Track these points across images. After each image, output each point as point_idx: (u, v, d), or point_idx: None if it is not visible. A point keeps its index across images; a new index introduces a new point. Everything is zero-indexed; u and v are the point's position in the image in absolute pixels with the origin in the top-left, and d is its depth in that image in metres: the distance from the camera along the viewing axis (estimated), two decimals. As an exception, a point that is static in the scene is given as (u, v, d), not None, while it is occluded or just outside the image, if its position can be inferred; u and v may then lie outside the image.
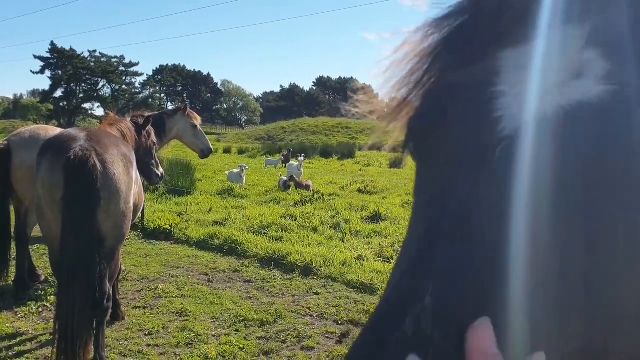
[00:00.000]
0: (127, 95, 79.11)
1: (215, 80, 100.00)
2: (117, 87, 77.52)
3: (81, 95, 76.09)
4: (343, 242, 9.31)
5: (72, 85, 74.14)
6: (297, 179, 16.33)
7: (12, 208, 6.39)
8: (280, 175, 17.05)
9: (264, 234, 9.59)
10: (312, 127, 52.49)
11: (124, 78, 79.21)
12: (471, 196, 0.65)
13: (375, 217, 11.32)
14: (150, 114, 6.91)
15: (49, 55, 71.77)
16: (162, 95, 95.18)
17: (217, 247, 8.84)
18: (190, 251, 8.76)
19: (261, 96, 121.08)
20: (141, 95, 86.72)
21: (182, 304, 6.26)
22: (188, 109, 8.23)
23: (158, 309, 6.12)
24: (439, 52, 0.85)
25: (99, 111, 79.19)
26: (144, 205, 6.15)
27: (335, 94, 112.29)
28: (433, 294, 0.58)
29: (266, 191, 15.73)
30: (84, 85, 75.72)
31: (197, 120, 8.34)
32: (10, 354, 4.89)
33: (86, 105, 78.89)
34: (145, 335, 5.40)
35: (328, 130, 50.79)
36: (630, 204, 0.61)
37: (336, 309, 6.18)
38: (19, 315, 5.75)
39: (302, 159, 20.09)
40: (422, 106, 0.84)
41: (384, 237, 9.60)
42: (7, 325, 5.47)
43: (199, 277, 7.41)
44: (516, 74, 0.71)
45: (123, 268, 6.85)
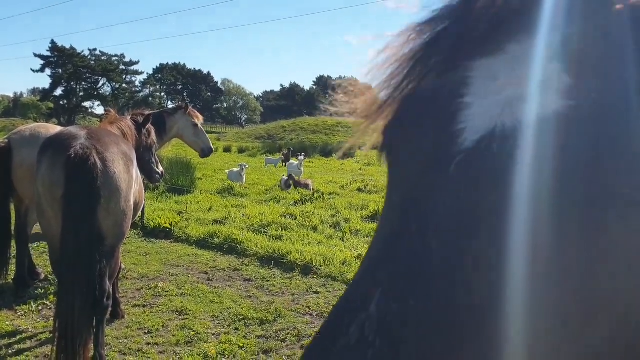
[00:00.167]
0: (127, 94, 79.06)
1: (216, 79, 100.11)
2: (117, 86, 77.50)
3: (81, 94, 76.07)
4: (343, 241, 9.31)
5: (72, 83, 74.12)
6: (296, 177, 16.33)
7: (12, 206, 6.40)
8: (283, 175, 17.06)
9: (264, 232, 9.60)
10: (312, 126, 52.41)
11: (124, 77, 79.21)
12: (428, 206, 0.65)
13: (376, 216, 11.30)
14: (151, 112, 6.90)
15: (49, 54, 71.77)
16: (162, 94, 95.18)
17: (217, 246, 8.85)
18: (190, 250, 8.76)
19: (261, 95, 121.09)
20: (141, 94, 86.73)
21: (181, 302, 6.26)
22: (189, 107, 8.22)
23: (158, 307, 6.13)
24: (419, 57, 0.85)
25: (99, 110, 79.12)
26: (144, 203, 6.15)
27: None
28: (379, 302, 0.58)
29: (266, 190, 15.73)
30: (84, 83, 75.70)
31: (199, 120, 8.31)
32: (10, 351, 4.89)
33: (86, 104, 79.03)
34: (145, 333, 5.41)
35: (328, 129, 50.70)
36: (589, 220, 0.59)
37: (336, 308, 6.18)
38: (19, 314, 5.76)
39: (302, 158, 20.12)
40: (397, 112, 0.85)
41: (384, 237, 9.57)
42: (7, 323, 5.47)
43: (199, 275, 7.41)
44: (484, 85, 0.72)
45: (123, 266, 6.85)
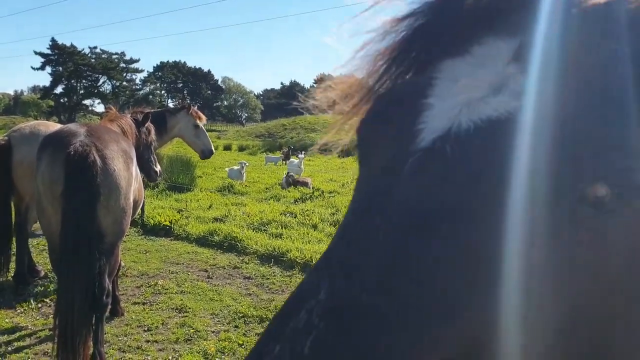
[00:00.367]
0: (127, 92, 79.01)
1: (216, 77, 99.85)
2: (117, 84, 77.41)
3: (82, 92, 76.00)
4: (343, 239, 9.29)
5: (72, 81, 74.02)
6: (296, 176, 16.32)
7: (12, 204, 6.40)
8: (285, 174, 17.04)
9: (264, 230, 9.59)
10: (312, 125, 52.39)
11: (124, 75, 79.10)
12: (382, 202, 0.66)
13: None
14: (152, 110, 6.91)
15: (49, 52, 71.67)
16: (163, 92, 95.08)
17: (217, 244, 8.85)
18: (190, 247, 8.76)
19: (262, 93, 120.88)
20: (142, 92, 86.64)
21: (181, 300, 6.26)
22: (192, 108, 8.19)
23: (157, 305, 6.13)
24: (395, 57, 0.87)
25: (100, 107, 79.08)
26: (143, 201, 6.15)
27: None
28: (328, 289, 0.60)
29: (266, 188, 15.73)
30: (84, 81, 75.62)
31: (201, 120, 8.29)
32: (10, 349, 4.90)
33: (87, 102, 78.97)
34: (145, 331, 5.41)
35: (328, 127, 50.67)
36: (532, 219, 0.61)
37: (335, 306, 6.18)
38: (18, 311, 5.76)
39: (303, 156, 20.11)
40: (369, 111, 0.87)
41: (384, 235, 9.58)
42: (6, 320, 5.47)
43: (199, 273, 7.41)
44: (446, 87, 0.73)
45: (123, 264, 6.85)
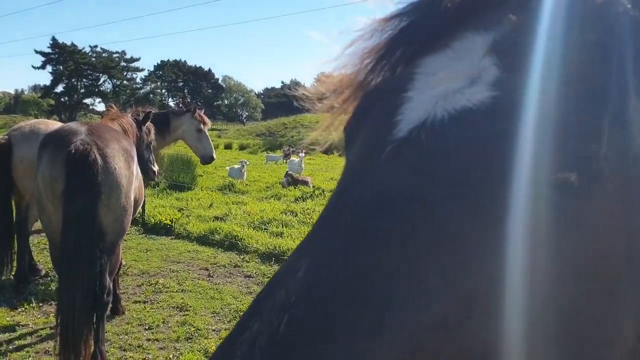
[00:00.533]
0: (128, 91, 78.91)
1: (217, 76, 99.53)
2: (118, 83, 77.31)
3: (82, 91, 75.92)
4: (343, 238, 9.29)
5: (73, 80, 73.94)
6: (296, 175, 16.32)
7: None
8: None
9: (265, 229, 9.59)
10: (313, 123, 52.35)
11: (125, 73, 79.00)
12: (357, 189, 0.69)
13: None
14: (157, 111, 6.97)
15: (50, 51, 71.55)
16: (163, 91, 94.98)
17: (217, 243, 8.85)
18: (190, 246, 8.76)
19: (262, 92, 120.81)
20: (142, 91, 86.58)
21: (182, 298, 6.27)
22: (198, 111, 8.17)
23: (158, 303, 6.13)
24: (382, 54, 0.90)
25: (100, 106, 78.95)
26: (144, 200, 6.15)
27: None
28: (305, 270, 0.62)
29: (267, 187, 15.73)
30: (85, 80, 75.51)
31: (206, 125, 8.27)
32: (11, 347, 4.90)
33: (87, 101, 78.78)
34: (146, 329, 5.41)
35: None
36: (498, 203, 0.63)
37: (336, 304, 6.18)
38: (19, 310, 5.76)
39: (303, 155, 20.08)
40: (356, 107, 0.90)
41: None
42: (7, 319, 5.48)
43: (200, 272, 7.42)
44: (425, 80, 0.77)
45: (123, 263, 6.85)
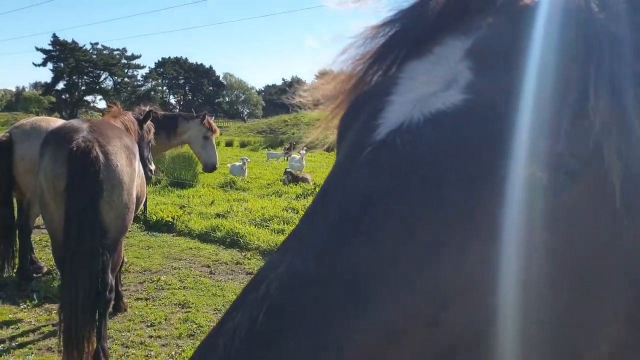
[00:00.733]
0: (129, 88, 78.85)
1: (217, 73, 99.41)
2: (119, 80, 77.25)
3: (83, 88, 75.87)
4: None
5: (74, 77, 73.90)
6: (297, 172, 16.31)
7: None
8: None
9: (266, 226, 9.60)
10: (313, 121, 52.32)
11: (126, 71, 78.94)
12: (338, 188, 0.71)
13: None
14: (165, 112, 7.12)
15: (51, 48, 71.51)
16: (164, 88, 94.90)
17: (219, 240, 8.86)
18: (192, 243, 8.77)
19: (263, 89, 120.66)
20: (143, 88, 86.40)
21: (184, 295, 6.27)
22: (207, 118, 8.20)
23: (160, 300, 6.14)
24: (372, 61, 0.93)
25: (101, 104, 78.88)
26: (146, 197, 6.16)
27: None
28: (287, 265, 0.65)
29: (268, 184, 15.74)
30: (86, 77, 75.45)
31: (214, 133, 8.31)
32: (14, 344, 4.91)
33: (88, 98, 78.73)
34: (148, 326, 5.42)
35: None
36: (473, 198, 0.65)
37: (338, 301, 6.18)
38: (21, 307, 5.77)
39: (304, 152, 20.06)
40: (347, 110, 0.93)
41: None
42: (10, 316, 5.48)
43: (201, 269, 7.42)
44: (407, 84, 0.79)
45: (125, 260, 6.86)
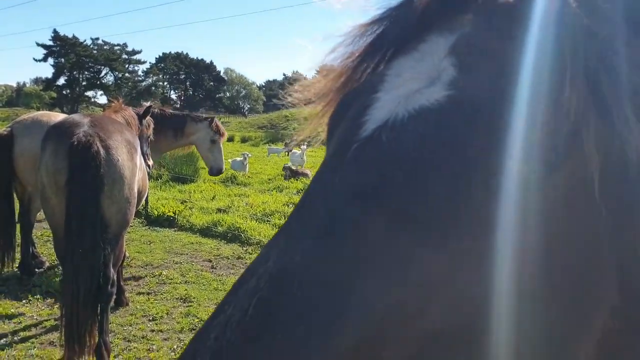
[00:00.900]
0: (130, 83, 78.79)
1: (218, 69, 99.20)
2: (120, 75, 77.16)
3: (84, 83, 75.79)
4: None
5: (75, 73, 73.82)
6: (298, 167, 16.31)
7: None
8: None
9: (267, 221, 9.61)
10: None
11: (126, 66, 78.81)
12: (326, 184, 0.72)
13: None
14: (174, 112, 7.19)
15: (51, 43, 71.37)
16: (165, 84, 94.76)
17: (220, 234, 8.87)
18: (193, 238, 8.78)
19: (264, 84, 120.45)
20: (144, 83, 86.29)
21: (185, 290, 6.29)
22: (215, 122, 8.22)
23: (162, 295, 6.15)
24: (361, 59, 0.95)
25: (102, 99, 78.92)
26: (147, 192, 6.16)
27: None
28: (276, 259, 0.67)
29: (269, 179, 15.74)
30: (86, 73, 75.36)
31: (222, 137, 8.32)
32: (16, 339, 4.92)
33: (89, 93, 78.63)
34: (149, 320, 5.43)
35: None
36: (456, 191, 0.67)
37: (339, 295, 6.19)
38: (23, 301, 5.78)
39: (305, 147, 20.01)
40: (336, 106, 0.94)
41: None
42: (12, 310, 5.50)
43: (203, 263, 7.44)
44: (393, 81, 0.81)
45: (127, 254, 6.87)
